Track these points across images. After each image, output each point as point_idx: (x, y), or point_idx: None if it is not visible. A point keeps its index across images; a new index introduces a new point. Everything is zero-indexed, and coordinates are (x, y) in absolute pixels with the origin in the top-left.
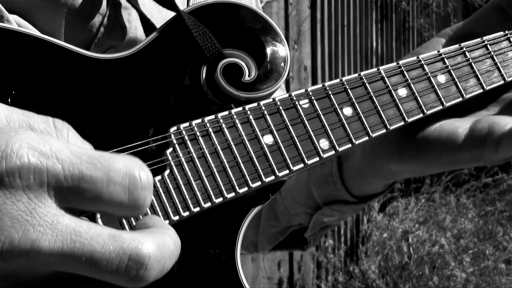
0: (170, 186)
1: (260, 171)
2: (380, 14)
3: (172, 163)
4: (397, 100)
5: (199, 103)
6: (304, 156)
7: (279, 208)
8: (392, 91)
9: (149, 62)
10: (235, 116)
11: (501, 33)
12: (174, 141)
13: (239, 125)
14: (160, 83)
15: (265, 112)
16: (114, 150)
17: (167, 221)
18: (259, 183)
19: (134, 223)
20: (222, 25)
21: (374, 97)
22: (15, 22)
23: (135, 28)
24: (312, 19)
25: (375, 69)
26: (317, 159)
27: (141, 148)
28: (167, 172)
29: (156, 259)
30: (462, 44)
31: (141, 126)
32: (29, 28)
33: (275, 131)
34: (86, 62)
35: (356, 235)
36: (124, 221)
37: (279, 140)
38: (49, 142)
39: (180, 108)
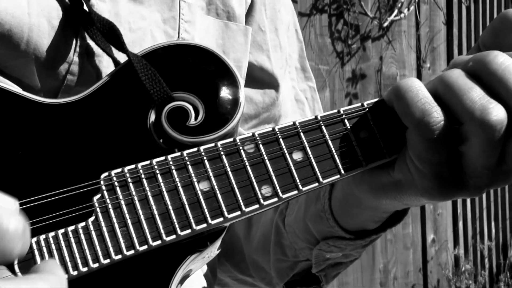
0: (93, 233)
1: (191, 218)
2: None
3: (98, 210)
4: (355, 144)
5: (147, 148)
6: (241, 204)
7: (285, 243)
8: (352, 134)
9: (98, 106)
10: (171, 162)
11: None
12: (103, 187)
13: (174, 171)
14: (109, 127)
15: (204, 158)
16: (46, 194)
17: (85, 268)
18: (188, 231)
19: None
20: (175, 67)
21: (329, 141)
22: None
23: (105, 74)
24: (448, 35)
25: (335, 111)
26: (256, 206)
27: (73, 193)
28: (92, 218)
29: None
30: None
31: (86, 170)
32: None
33: (212, 177)
34: (31, 106)
35: (504, 259)
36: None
37: (215, 187)
38: None
39: (128, 152)
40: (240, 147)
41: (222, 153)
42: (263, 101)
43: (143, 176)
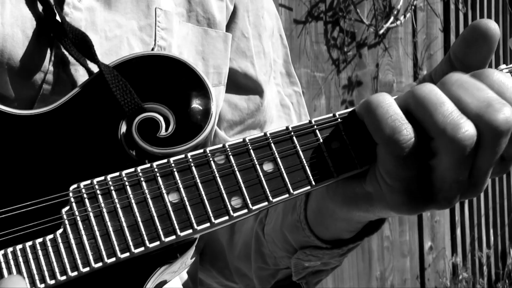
0: (61, 245)
1: (160, 230)
2: None
3: (67, 222)
4: (326, 154)
5: (118, 159)
6: (211, 215)
7: (265, 251)
8: (323, 144)
9: (69, 118)
10: (140, 173)
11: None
12: (72, 199)
13: (143, 183)
14: (80, 138)
15: (174, 169)
16: (14, 206)
17: (53, 281)
18: (157, 243)
19: None
20: (146, 77)
21: (300, 152)
22: None
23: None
24: (445, 42)
25: (307, 121)
26: (226, 218)
27: (41, 205)
28: (60, 231)
29: None
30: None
31: (57, 182)
32: None
33: (182, 189)
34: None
35: (502, 269)
36: None
37: (185, 198)
38: None
39: (100, 164)
40: (210, 158)
41: (192, 164)
42: (248, 107)
43: (112, 188)
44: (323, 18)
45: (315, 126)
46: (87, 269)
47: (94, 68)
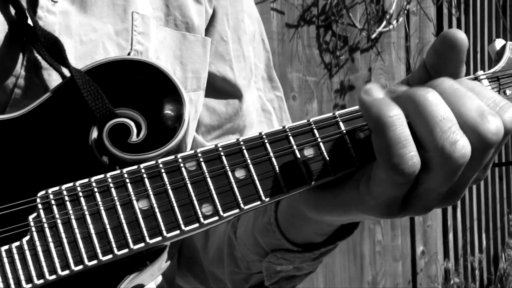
0: (27, 253)
1: (129, 238)
2: None
3: (33, 229)
4: (300, 161)
5: (89, 165)
6: (181, 222)
7: (237, 255)
8: (297, 151)
9: (39, 123)
10: (110, 180)
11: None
12: (39, 206)
13: (112, 189)
14: (50, 144)
15: (144, 176)
16: None
17: None
18: (126, 250)
19: None
20: (118, 82)
21: (273, 158)
22: None
23: None
24: None
25: (281, 127)
26: (196, 225)
27: (8, 211)
28: (26, 238)
29: None
30: None
31: (27, 188)
32: None
33: (152, 195)
34: None
35: (494, 274)
36: None
37: (155, 205)
38: None
39: (70, 170)
40: (181, 165)
41: (162, 171)
42: (226, 111)
43: (81, 194)
44: (315, 22)
45: (289, 133)
46: (54, 277)
47: (68, 72)
